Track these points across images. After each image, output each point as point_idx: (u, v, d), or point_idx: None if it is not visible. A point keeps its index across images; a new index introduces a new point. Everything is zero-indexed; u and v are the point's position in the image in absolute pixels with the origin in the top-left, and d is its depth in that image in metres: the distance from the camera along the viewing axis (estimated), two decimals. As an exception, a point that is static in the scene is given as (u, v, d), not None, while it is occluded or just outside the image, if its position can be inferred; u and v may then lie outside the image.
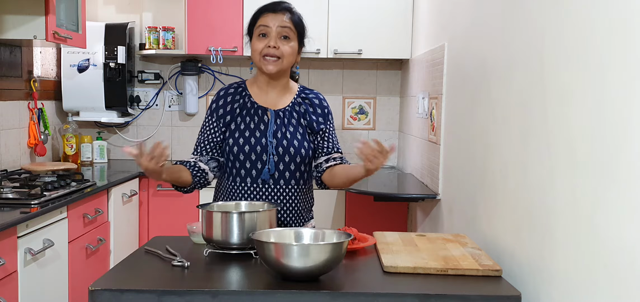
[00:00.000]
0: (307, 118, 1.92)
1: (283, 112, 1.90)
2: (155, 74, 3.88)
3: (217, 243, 1.59)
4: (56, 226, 2.37)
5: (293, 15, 1.87)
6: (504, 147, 1.73)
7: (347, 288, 1.37)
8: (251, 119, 1.88)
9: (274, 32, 1.83)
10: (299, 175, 1.89)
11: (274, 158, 1.85)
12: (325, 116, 1.96)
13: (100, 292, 1.33)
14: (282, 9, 1.85)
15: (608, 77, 1.14)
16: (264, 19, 1.85)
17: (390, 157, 1.97)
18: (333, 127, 1.99)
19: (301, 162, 1.89)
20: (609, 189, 1.12)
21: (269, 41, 1.82)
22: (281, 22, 1.83)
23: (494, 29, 1.88)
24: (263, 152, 1.85)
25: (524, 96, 1.58)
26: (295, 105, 1.92)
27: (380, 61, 3.89)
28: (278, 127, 1.87)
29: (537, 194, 1.46)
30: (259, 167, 1.85)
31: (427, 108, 2.95)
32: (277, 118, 1.89)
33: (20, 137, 3.17)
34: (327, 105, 1.99)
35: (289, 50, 1.84)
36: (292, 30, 1.85)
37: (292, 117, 1.90)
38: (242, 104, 1.90)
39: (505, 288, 1.40)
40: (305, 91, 1.97)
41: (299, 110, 1.92)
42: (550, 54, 1.42)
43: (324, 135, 1.95)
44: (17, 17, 2.67)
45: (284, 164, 1.86)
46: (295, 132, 1.89)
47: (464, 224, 2.18)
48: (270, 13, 1.84)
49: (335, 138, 1.98)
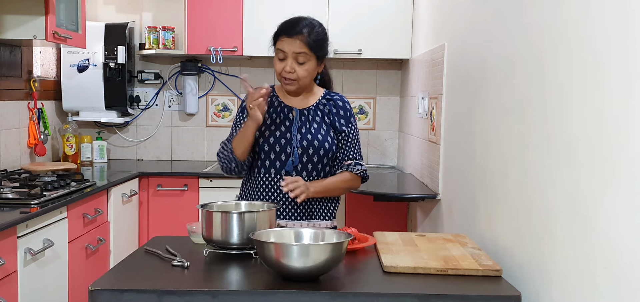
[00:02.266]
0: (330, 118, 2.00)
1: (307, 111, 1.99)
2: (155, 74, 3.88)
3: (217, 243, 1.59)
4: (56, 226, 2.37)
5: (309, 37, 1.88)
6: (504, 147, 1.73)
7: (347, 288, 1.37)
8: (277, 115, 1.97)
9: (289, 56, 1.89)
10: (320, 168, 1.96)
11: (298, 150, 1.92)
12: (347, 119, 2.02)
13: (100, 292, 1.33)
14: (297, 34, 1.88)
15: (608, 77, 1.14)
16: (281, 42, 1.90)
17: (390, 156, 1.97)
18: (355, 130, 2.04)
19: (324, 155, 1.95)
20: (609, 189, 1.12)
21: (285, 65, 1.90)
22: (296, 48, 1.88)
23: (494, 28, 1.88)
24: (287, 145, 1.93)
25: (524, 96, 1.58)
26: (319, 105, 2.01)
27: (380, 61, 3.89)
28: (302, 124, 1.96)
29: (537, 194, 1.46)
30: (283, 159, 1.93)
31: (427, 108, 2.95)
32: (301, 116, 1.97)
33: (20, 137, 3.17)
34: (350, 108, 2.05)
35: (304, 73, 1.91)
36: (307, 54, 1.89)
37: (316, 115, 1.99)
38: (270, 103, 1.99)
39: (505, 288, 1.40)
40: (330, 93, 2.06)
41: (324, 110, 2.00)
42: (551, 54, 1.42)
43: (346, 138, 2.01)
44: (17, 17, 2.67)
45: (307, 157, 1.93)
46: (319, 128, 1.96)
47: (464, 224, 2.18)
48: (286, 37, 1.89)
49: (354, 143, 2.03)
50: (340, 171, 2.00)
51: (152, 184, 3.40)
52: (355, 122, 2.06)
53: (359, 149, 2.04)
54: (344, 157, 2.01)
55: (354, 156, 2.01)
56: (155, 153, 3.98)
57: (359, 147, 2.04)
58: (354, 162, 2.01)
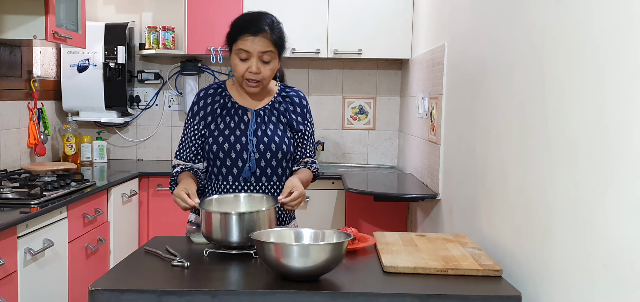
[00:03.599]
0: (287, 116, 1.92)
1: (263, 111, 1.89)
2: (155, 74, 3.88)
3: (216, 242, 1.59)
4: (56, 226, 2.36)
5: (273, 33, 1.79)
6: (504, 147, 1.72)
7: (347, 288, 1.37)
8: (231, 118, 1.87)
9: (254, 56, 1.78)
10: (280, 172, 1.89)
11: (255, 156, 1.84)
12: (304, 116, 1.95)
13: (100, 293, 1.33)
14: (262, 31, 1.77)
15: (608, 77, 1.14)
16: (244, 42, 1.77)
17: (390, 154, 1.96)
18: (311, 128, 1.98)
19: (282, 158, 1.88)
20: (609, 189, 1.12)
21: (250, 66, 1.78)
22: (261, 47, 1.77)
23: (494, 28, 1.88)
24: (243, 150, 1.84)
25: (524, 96, 1.58)
26: (275, 104, 1.92)
27: (380, 61, 3.88)
28: (258, 126, 1.87)
29: (537, 193, 1.46)
30: (240, 165, 1.85)
31: (427, 108, 2.95)
32: (257, 117, 1.88)
33: (20, 137, 3.17)
34: (306, 104, 1.97)
35: (269, 72, 1.82)
36: (272, 52, 1.80)
37: (272, 115, 1.90)
38: (222, 104, 1.90)
39: (505, 288, 1.40)
40: (286, 89, 1.96)
41: (279, 109, 1.92)
42: (551, 54, 1.42)
43: (302, 136, 1.95)
44: (16, 17, 2.67)
45: (265, 161, 1.85)
46: (275, 130, 1.88)
47: (464, 224, 2.17)
48: (250, 36, 1.76)
49: (310, 141, 1.98)
50: (298, 168, 1.95)
51: (152, 184, 3.40)
52: (311, 118, 1.98)
53: (314, 147, 2.00)
54: (302, 155, 1.95)
55: (310, 154, 1.98)
56: (155, 153, 3.98)
57: (314, 144, 2.01)
58: (311, 161, 1.98)
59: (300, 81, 3.90)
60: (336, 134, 3.97)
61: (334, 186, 3.44)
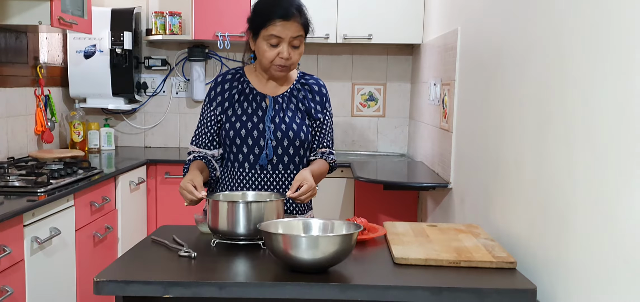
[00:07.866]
0: (305, 104, 1.88)
1: (281, 98, 1.86)
2: (162, 60, 3.85)
3: (223, 233, 1.56)
4: (63, 214, 2.35)
5: (301, 17, 1.77)
6: (520, 135, 1.68)
7: (357, 280, 1.34)
8: (249, 104, 1.84)
9: (286, 42, 1.75)
10: (298, 160, 1.86)
11: (272, 143, 1.81)
12: (323, 104, 1.91)
13: (106, 284, 1.30)
14: (293, 15, 1.74)
15: (632, 62, 1.09)
16: (275, 27, 1.73)
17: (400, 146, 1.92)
18: (330, 117, 1.95)
19: (300, 146, 1.85)
20: (632, 181, 1.07)
21: (281, 52, 1.75)
22: (293, 32, 1.75)
23: (510, 12, 1.83)
24: (260, 137, 1.81)
25: (542, 82, 1.52)
26: (294, 91, 1.89)
27: (391, 46, 3.82)
28: (276, 113, 1.84)
29: (554, 184, 1.41)
30: (257, 153, 1.82)
31: (438, 95, 2.89)
32: (275, 104, 1.85)
33: (27, 124, 3.16)
34: (326, 92, 1.94)
35: (298, 56, 1.81)
36: (302, 37, 1.79)
37: (291, 102, 1.87)
38: (241, 89, 1.87)
39: (520, 281, 1.36)
40: (305, 77, 1.93)
41: (298, 96, 1.89)
42: (570, 38, 1.36)
43: (321, 125, 1.91)
44: (21, 2, 2.64)
45: (282, 149, 1.83)
46: (294, 117, 1.85)
47: (477, 214, 2.13)
48: (282, 20, 1.73)
49: (329, 130, 1.94)
50: (315, 159, 1.91)
51: (159, 172, 3.38)
52: (331, 107, 1.95)
53: (332, 137, 1.96)
54: (319, 144, 1.92)
55: (328, 144, 1.94)
56: (162, 140, 3.96)
57: (332, 134, 1.96)
58: (328, 151, 1.94)
59: (309, 67, 3.85)
60: (345, 121, 3.92)
61: (342, 174, 3.40)
